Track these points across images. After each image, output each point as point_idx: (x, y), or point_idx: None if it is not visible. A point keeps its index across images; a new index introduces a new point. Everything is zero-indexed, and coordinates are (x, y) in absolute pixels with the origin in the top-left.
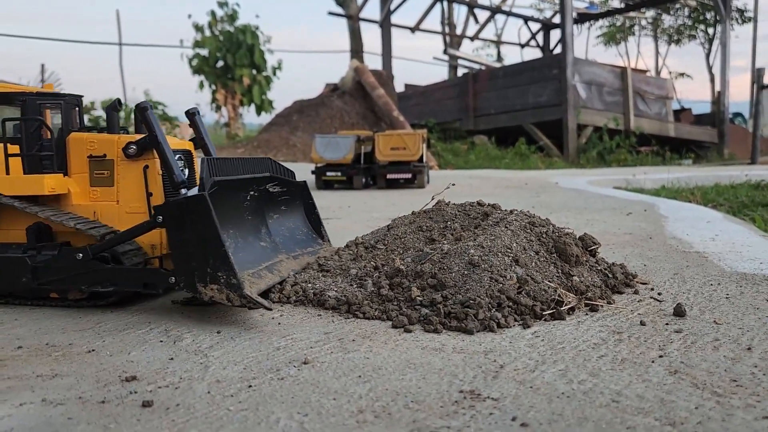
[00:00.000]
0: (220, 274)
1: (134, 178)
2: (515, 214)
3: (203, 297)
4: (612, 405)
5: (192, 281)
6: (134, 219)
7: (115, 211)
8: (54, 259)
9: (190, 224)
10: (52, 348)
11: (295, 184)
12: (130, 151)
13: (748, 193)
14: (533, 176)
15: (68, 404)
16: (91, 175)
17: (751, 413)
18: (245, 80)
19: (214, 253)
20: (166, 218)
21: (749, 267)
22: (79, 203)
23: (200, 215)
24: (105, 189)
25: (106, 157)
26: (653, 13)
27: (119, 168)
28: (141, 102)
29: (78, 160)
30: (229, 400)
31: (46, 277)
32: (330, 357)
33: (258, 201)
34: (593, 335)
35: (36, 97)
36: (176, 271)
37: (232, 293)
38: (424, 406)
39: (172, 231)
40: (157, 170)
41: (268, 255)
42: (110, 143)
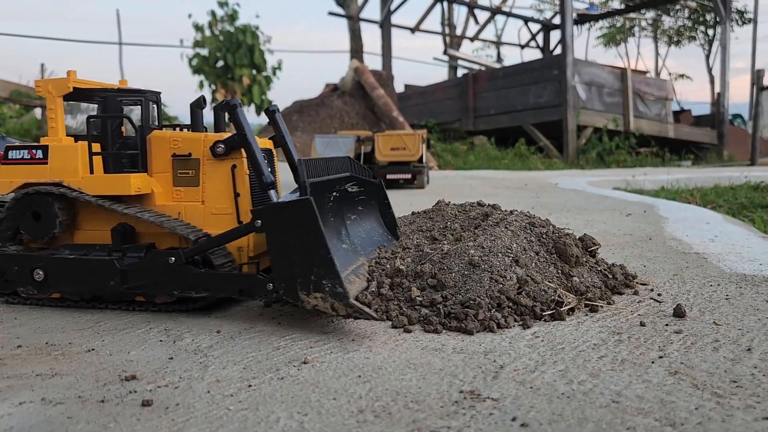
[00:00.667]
0: (324, 282)
1: (221, 178)
2: (515, 214)
3: (305, 306)
4: (612, 405)
5: (293, 289)
6: (220, 220)
7: (200, 212)
8: (144, 262)
9: (293, 229)
10: (51, 347)
11: (371, 183)
12: (218, 150)
13: (748, 195)
14: (533, 177)
15: (68, 403)
16: (174, 174)
17: (751, 414)
18: (245, 80)
19: (319, 260)
20: (266, 223)
21: (749, 268)
22: (162, 203)
23: (305, 220)
24: (189, 189)
25: (191, 156)
26: (653, 14)
27: (205, 167)
28: (230, 100)
29: (160, 159)
30: (228, 400)
31: (135, 281)
32: (330, 357)
33: (339, 202)
34: (593, 336)
35: (117, 94)
36: (276, 278)
37: (337, 302)
38: (424, 406)
39: (273, 236)
40: (245, 170)
41: (351, 258)
42: (196, 142)
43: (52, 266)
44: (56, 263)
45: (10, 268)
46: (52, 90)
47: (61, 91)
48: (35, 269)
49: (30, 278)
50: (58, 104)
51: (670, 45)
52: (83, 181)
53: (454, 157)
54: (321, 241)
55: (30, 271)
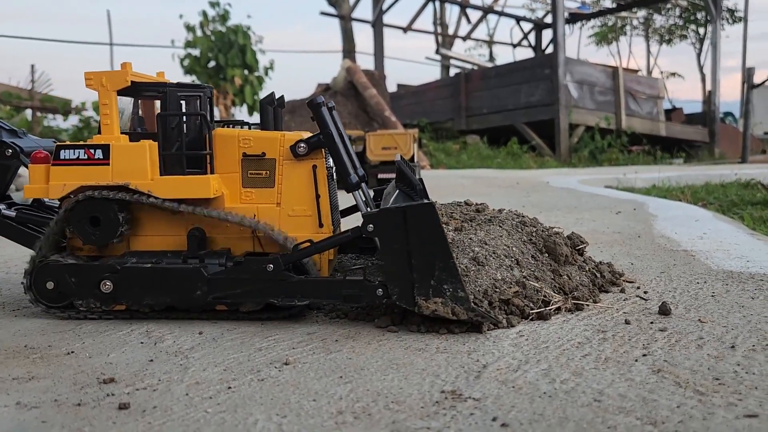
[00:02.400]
0: (446, 286)
1: (298, 179)
2: (504, 213)
3: (423, 311)
4: (594, 404)
5: (410, 294)
6: (298, 222)
7: (276, 214)
8: (235, 270)
9: (412, 234)
10: (30, 350)
11: (417, 183)
12: (299, 150)
13: (738, 192)
14: (525, 176)
15: (43, 407)
16: (243, 175)
17: (733, 412)
18: (237, 80)
19: (441, 265)
20: (381, 227)
21: (736, 265)
22: (231, 206)
23: (426, 224)
24: (262, 190)
25: (265, 155)
26: (645, 13)
27: (282, 168)
28: (315, 98)
29: (227, 159)
30: (207, 402)
31: (225, 290)
32: (312, 358)
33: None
34: (577, 334)
35: (176, 89)
36: (389, 284)
37: (458, 307)
38: (404, 406)
39: (388, 241)
40: (325, 171)
41: None
42: (272, 141)
43: (122, 276)
44: (128, 273)
45: (66, 279)
46: (106, 83)
47: (117, 85)
48: (103, 280)
49: (95, 290)
50: (113, 99)
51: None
52: (153, 183)
53: (446, 157)
54: (444, 246)
55: (96, 282)
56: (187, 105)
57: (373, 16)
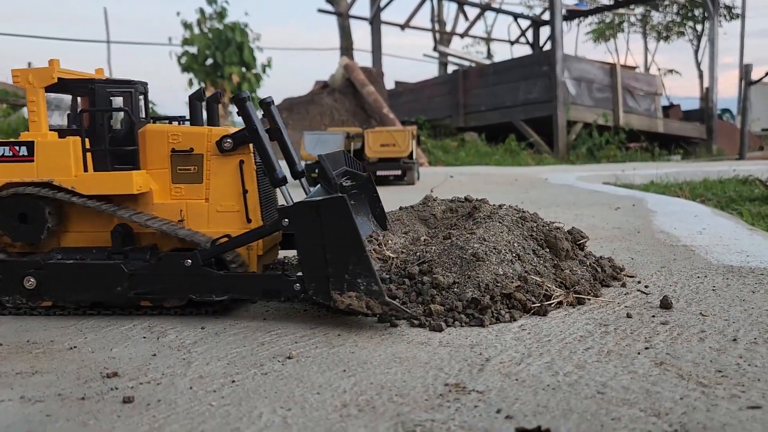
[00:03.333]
0: (360, 280)
1: (226, 174)
2: (504, 208)
3: (338, 305)
4: (597, 396)
5: (325, 288)
6: (226, 218)
7: (204, 210)
8: (156, 266)
9: (326, 228)
10: (33, 345)
11: (362, 177)
12: (225, 145)
13: (736, 188)
14: (523, 173)
15: (47, 401)
16: (173, 170)
17: (736, 403)
18: (235, 78)
19: (355, 258)
20: (295, 222)
21: (736, 260)
22: (160, 202)
23: (339, 218)
24: (191, 186)
25: (193, 151)
26: (642, 9)
27: (210, 163)
28: (239, 92)
29: (156, 155)
30: (211, 396)
31: (146, 286)
32: (315, 351)
33: None
34: (580, 328)
35: (105, 84)
36: (306, 278)
37: (372, 300)
38: (408, 399)
39: (302, 235)
40: (253, 166)
41: None
42: (199, 137)
43: (46, 273)
44: (53, 269)
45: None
46: (33, 80)
47: (43, 81)
48: (26, 276)
49: (19, 286)
50: (41, 96)
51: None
52: (77, 179)
53: (444, 154)
54: (357, 240)
55: (19, 278)
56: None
57: (371, 13)
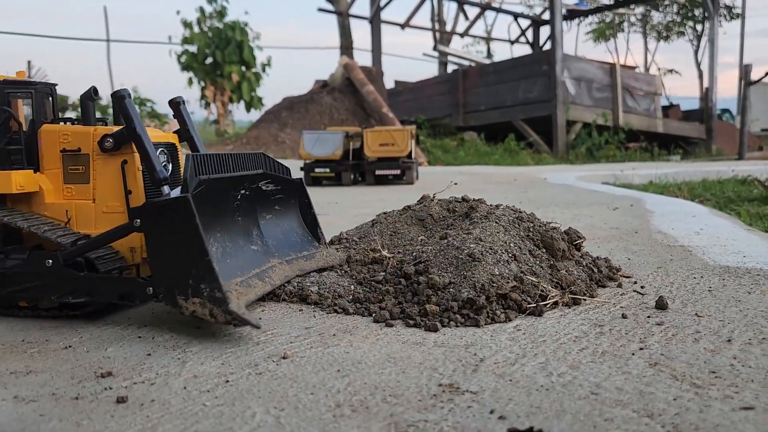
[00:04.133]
0: (203, 286)
1: (111, 175)
2: (501, 208)
3: (184, 311)
4: (591, 397)
5: (172, 293)
6: (112, 219)
7: (91, 211)
8: (23, 265)
9: (171, 230)
10: (27, 344)
11: (290, 182)
12: (106, 144)
13: (735, 188)
14: (522, 172)
15: (41, 401)
16: (64, 170)
17: (729, 404)
18: (234, 77)
19: (197, 264)
20: (145, 222)
21: (733, 260)
22: (51, 202)
23: (182, 220)
24: (80, 186)
25: (80, 151)
26: (642, 9)
27: (95, 163)
28: (118, 90)
29: (51, 155)
30: (205, 396)
31: (16, 285)
32: (310, 352)
33: (250, 200)
34: (575, 328)
35: (4, 86)
36: (155, 282)
37: (216, 308)
38: (402, 399)
39: (151, 237)
40: (137, 165)
41: (259, 260)
42: (85, 136)
43: None
44: None
45: None
46: None
47: None
48: None
49: None
50: None
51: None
52: None
53: (444, 153)
54: (199, 243)
55: None
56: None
57: (371, 12)
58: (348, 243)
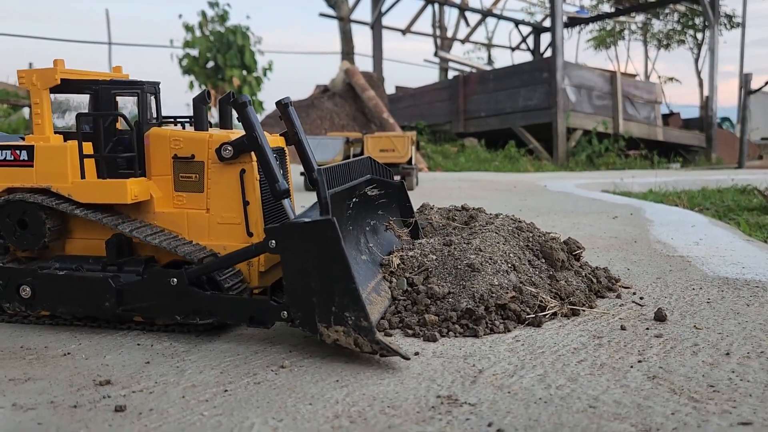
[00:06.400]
0: (348, 314)
1: (228, 184)
2: (501, 218)
3: (325, 339)
4: (589, 410)
5: (311, 319)
6: (227, 230)
7: (205, 221)
8: (142, 282)
9: (312, 253)
10: (26, 351)
11: (392, 185)
12: (224, 153)
13: (734, 198)
14: (522, 179)
15: (39, 409)
16: (175, 178)
17: (727, 419)
18: (235, 81)
19: (341, 289)
20: (282, 244)
21: (731, 271)
22: (162, 210)
23: (326, 243)
24: (192, 195)
25: (194, 158)
26: (643, 17)
27: (210, 171)
28: (240, 96)
29: (160, 160)
30: (203, 405)
31: (133, 302)
32: (308, 361)
33: (358, 208)
34: (573, 340)
35: (110, 86)
36: (291, 306)
37: (361, 338)
38: (400, 411)
39: (289, 259)
40: (255, 175)
41: (371, 271)
42: (200, 143)
43: (39, 282)
44: (44, 279)
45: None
46: (37, 81)
47: (47, 82)
48: (21, 285)
49: (16, 294)
50: (44, 97)
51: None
52: (73, 186)
53: (444, 159)
54: (345, 269)
55: (16, 286)
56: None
57: (372, 18)
58: None
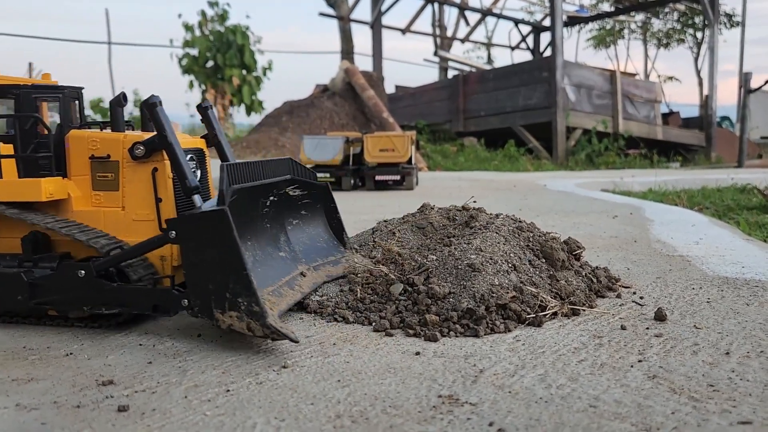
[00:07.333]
0: (240, 300)
1: (141, 182)
2: (501, 218)
3: (221, 325)
4: (589, 410)
5: (208, 306)
6: (141, 227)
7: (121, 218)
8: (54, 276)
9: (207, 242)
10: (29, 351)
11: (317, 186)
12: (137, 152)
13: (734, 197)
14: (522, 178)
15: (42, 409)
16: (93, 177)
17: (727, 418)
18: (235, 80)
19: (235, 277)
20: (180, 234)
21: (731, 271)
22: (80, 209)
23: (219, 233)
24: (109, 194)
25: (110, 158)
26: (643, 16)
27: (125, 170)
28: (150, 96)
29: (79, 161)
30: (206, 405)
31: (45, 296)
32: (310, 361)
33: (278, 207)
34: (574, 340)
35: (31, 90)
36: (191, 294)
37: (253, 322)
38: (401, 411)
39: (187, 249)
40: (168, 173)
41: (288, 268)
42: (115, 143)
43: None
44: None
45: None
46: None
47: None
48: None
49: None
50: None
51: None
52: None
53: (443, 159)
54: (237, 257)
55: None
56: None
57: (372, 17)
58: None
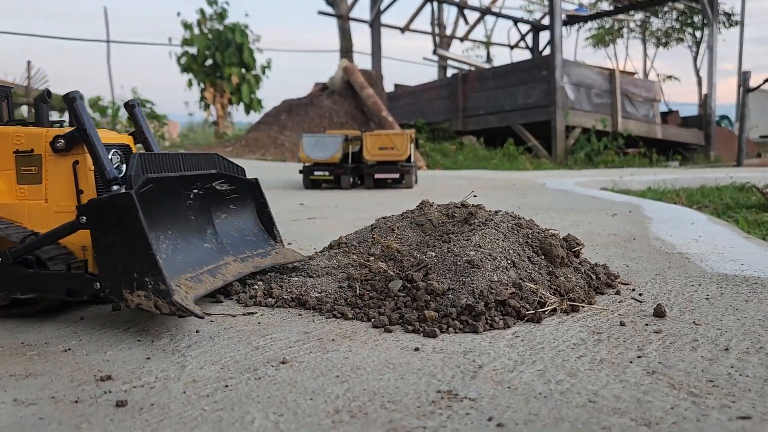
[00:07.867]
0: (147, 279)
1: (63, 175)
2: (500, 215)
3: (129, 304)
4: (588, 405)
5: (118, 288)
6: (64, 218)
7: (44, 211)
8: None
9: (115, 225)
10: (27, 347)
11: (246, 182)
12: (58, 145)
13: (733, 195)
14: (521, 177)
15: (40, 404)
16: (18, 171)
17: (726, 413)
18: (234, 79)
19: (141, 257)
20: (90, 219)
21: (730, 268)
22: (6, 202)
23: (126, 215)
24: (33, 187)
25: (33, 152)
26: (642, 15)
27: (47, 164)
28: (69, 92)
29: (4, 156)
30: (204, 400)
31: None
32: (309, 357)
33: (204, 200)
34: (573, 336)
35: None
36: (101, 277)
37: (160, 300)
38: (400, 406)
39: (97, 232)
40: (89, 166)
41: (212, 257)
42: (38, 137)
43: None
44: None
45: None
46: None
47: None
48: None
49: None
50: None
51: (659, 46)
52: None
53: (443, 157)
54: (142, 237)
55: None
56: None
57: (371, 15)
58: (347, 248)
